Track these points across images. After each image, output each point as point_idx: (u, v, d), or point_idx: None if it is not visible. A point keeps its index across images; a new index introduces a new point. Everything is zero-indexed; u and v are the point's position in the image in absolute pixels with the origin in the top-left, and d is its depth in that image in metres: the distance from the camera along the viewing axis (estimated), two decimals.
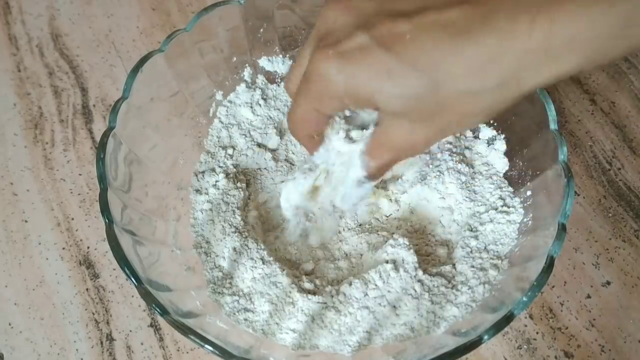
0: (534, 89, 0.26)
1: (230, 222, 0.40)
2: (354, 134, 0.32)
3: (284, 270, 0.38)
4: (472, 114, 0.28)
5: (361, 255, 0.41)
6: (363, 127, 0.33)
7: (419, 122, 0.29)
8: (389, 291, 0.37)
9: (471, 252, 0.39)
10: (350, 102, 0.29)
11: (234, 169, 0.44)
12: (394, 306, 0.37)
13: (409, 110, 0.28)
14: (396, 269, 0.38)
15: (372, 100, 0.28)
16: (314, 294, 0.38)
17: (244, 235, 0.40)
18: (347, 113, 0.32)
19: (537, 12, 0.24)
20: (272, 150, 0.45)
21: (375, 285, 0.38)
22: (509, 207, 0.41)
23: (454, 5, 0.26)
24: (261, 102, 0.46)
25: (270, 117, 0.46)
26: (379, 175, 0.34)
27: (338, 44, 0.28)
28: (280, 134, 0.46)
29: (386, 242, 0.40)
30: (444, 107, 0.27)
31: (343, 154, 0.34)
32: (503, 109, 0.28)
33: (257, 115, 0.46)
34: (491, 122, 0.44)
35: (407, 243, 0.39)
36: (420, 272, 0.38)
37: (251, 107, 0.46)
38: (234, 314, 0.37)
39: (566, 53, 0.25)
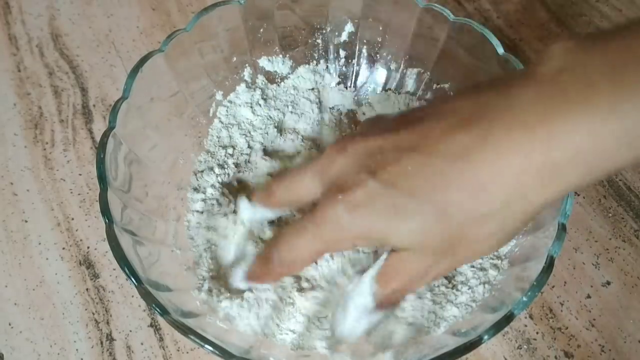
0: (545, 205, 0.26)
1: (228, 224, 0.40)
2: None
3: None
4: (484, 240, 0.27)
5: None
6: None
7: (433, 256, 0.28)
8: None
9: None
10: (363, 244, 0.30)
11: (230, 176, 0.44)
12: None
13: (421, 243, 0.28)
14: None
15: (385, 239, 0.28)
16: (309, 303, 0.38)
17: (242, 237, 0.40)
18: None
19: (536, 127, 0.23)
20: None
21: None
22: None
23: (454, 130, 0.26)
24: (261, 102, 0.47)
25: (270, 117, 0.46)
26: (388, 305, 0.32)
27: (348, 193, 0.28)
28: (281, 133, 0.46)
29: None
30: (455, 236, 0.27)
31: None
32: (521, 228, 0.27)
33: (257, 115, 0.46)
34: None
35: None
36: None
37: (251, 107, 0.46)
38: (233, 315, 0.37)
39: (570, 167, 0.24)
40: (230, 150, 0.45)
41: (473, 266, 0.38)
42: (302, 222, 0.31)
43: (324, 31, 0.47)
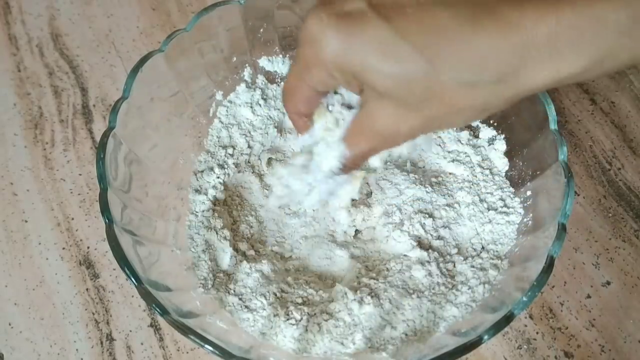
0: (532, 90, 0.25)
1: (227, 226, 0.41)
2: (337, 115, 0.31)
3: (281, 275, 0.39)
4: (463, 109, 0.26)
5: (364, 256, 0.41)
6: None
7: (405, 108, 0.26)
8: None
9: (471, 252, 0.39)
10: (338, 75, 0.27)
11: (225, 183, 0.44)
12: (396, 306, 0.37)
13: (398, 92, 0.26)
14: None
15: (361, 75, 0.26)
16: (309, 303, 0.38)
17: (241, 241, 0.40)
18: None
19: (545, 6, 0.23)
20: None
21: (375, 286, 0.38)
22: (508, 208, 0.41)
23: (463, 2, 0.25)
24: (261, 102, 0.47)
25: (270, 117, 0.46)
26: (353, 167, 0.31)
27: (335, 6, 0.25)
28: (281, 133, 0.46)
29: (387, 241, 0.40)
30: (436, 95, 0.25)
31: (325, 143, 0.32)
32: (496, 109, 0.26)
33: (257, 115, 0.46)
34: (491, 122, 0.44)
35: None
36: None
37: (251, 107, 0.46)
38: (236, 312, 0.37)
39: (570, 51, 0.24)
40: (230, 150, 0.45)
41: (473, 266, 0.38)
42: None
43: None
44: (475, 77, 0.25)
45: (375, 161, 0.34)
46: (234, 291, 0.38)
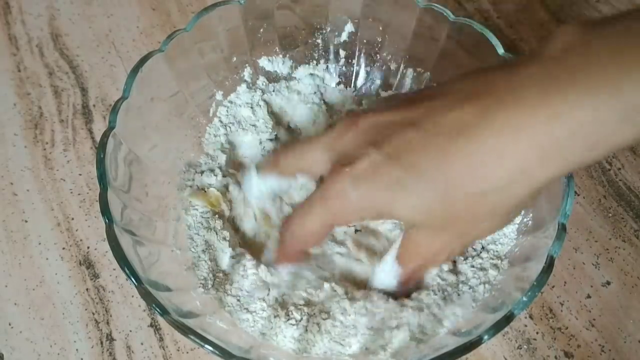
0: (547, 182, 0.26)
1: (224, 230, 0.41)
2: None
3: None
4: (484, 217, 0.28)
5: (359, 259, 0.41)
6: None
7: (435, 230, 0.29)
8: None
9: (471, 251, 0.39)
10: (369, 216, 0.30)
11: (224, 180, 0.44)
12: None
13: (424, 219, 0.28)
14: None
15: (390, 213, 0.29)
16: (308, 304, 0.38)
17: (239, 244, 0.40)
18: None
19: (538, 104, 0.23)
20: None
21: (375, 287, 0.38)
22: None
23: (456, 106, 0.26)
24: (261, 102, 0.47)
25: (270, 117, 0.46)
26: (411, 282, 0.34)
27: (353, 165, 0.29)
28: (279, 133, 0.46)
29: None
30: (456, 213, 0.27)
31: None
32: (519, 208, 0.28)
33: (257, 116, 0.46)
34: None
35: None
36: None
37: (252, 107, 0.46)
38: (236, 312, 0.37)
39: (572, 144, 0.24)
40: (229, 151, 0.45)
41: (473, 266, 0.38)
42: (311, 198, 0.31)
43: (324, 31, 0.47)
44: (484, 186, 0.26)
45: None
46: (232, 292, 0.38)
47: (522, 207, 0.28)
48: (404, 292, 0.35)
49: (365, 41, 0.48)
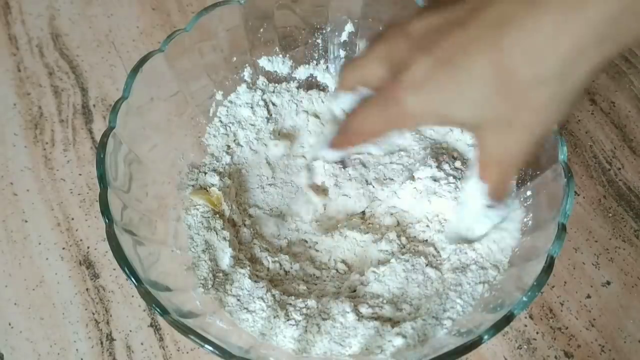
0: (603, 62, 0.26)
1: (224, 230, 0.41)
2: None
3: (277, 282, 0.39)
4: (546, 106, 0.27)
5: (356, 255, 0.41)
6: None
7: (503, 129, 0.29)
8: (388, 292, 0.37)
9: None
10: (429, 122, 0.31)
11: (228, 180, 0.44)
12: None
13: (487, 115, 0.28)
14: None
15: (449, 116, 0.29)
16: (308, 305, 0.38)
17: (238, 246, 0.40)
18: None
19: None
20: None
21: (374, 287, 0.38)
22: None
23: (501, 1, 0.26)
24: (261, 102, 0.47)
25: (270, 117, 0.46)
26: (501, 195, 0.34)
27: (406, 73, 0.29)
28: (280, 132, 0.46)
29: (380, 239, 0.40)
30: (517, 103, 0.27)
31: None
32: (578, 95, 0.27)
33: (258, 116, 0.46)
34: None
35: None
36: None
37: (252, 107, 0.46)
38: (236, 312, 0.37)
39: (625, 19, 0.24)
40: (229, 151, 0.45)
41: (475, 263, 0.38)
42: (372, 102, 0.32)
43: (324, 31, 0.47)
44: (540, 71, 0.26)
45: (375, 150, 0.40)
46: (232, 292, 0.38)
47: (579, 92, 0.27)
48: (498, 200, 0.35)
49: (365, 41, 0.48)
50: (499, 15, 0.26)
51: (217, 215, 0.41)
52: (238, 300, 0.38)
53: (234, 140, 0.46)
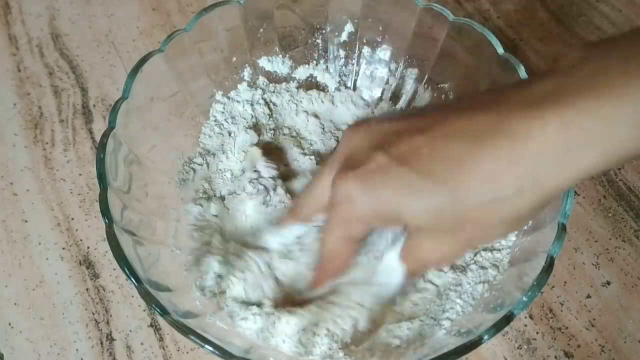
0: (556, 191, 0.26)
1: (217, 231, 0.41)
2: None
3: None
4: (494, 225, 0.27)
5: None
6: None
7: (442, 235, 0.29)
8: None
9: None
10: (377, 222, 0.30)
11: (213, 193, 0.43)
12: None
13: (431, 224, 0.28)
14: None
15: (398, 218, 0.28)
16: (305, 304, 0.38)
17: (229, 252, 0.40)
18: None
19: (548, 112, 0.24)
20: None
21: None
22: None
23: (467, 114, 0.26)
24: (261, 101, 0.47)
25: (270, 116, 0.46)
26: (414, 278, 0.35)
27: (358, 167, 0.28)
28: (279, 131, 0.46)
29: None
30: (466, 219, 0.27)
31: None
32: (532, 214, 0.27)
33: (258, 113, 0.46)
34: None
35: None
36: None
37: (252, 105, 0.46)
38: (234, 314, 0.37)
39: (583, 152, 0.24)
40: (224, 150, 0.45)
41: (475, 263, 0.38)
42: (327, 216, 0.32)
43: (324, 31, 0.47)
44: (496, 193, 0.26)
45: None
46: (228, 294, 0.38)
47: (530, 216, 0.28)
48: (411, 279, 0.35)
49: (365, 41, 0.48)
50: (464, 130, 0.26)
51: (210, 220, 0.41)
52: (235, 302, 0.38)
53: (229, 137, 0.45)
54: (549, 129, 0.24)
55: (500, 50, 0.40)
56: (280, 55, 0.48)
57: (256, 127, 0.46)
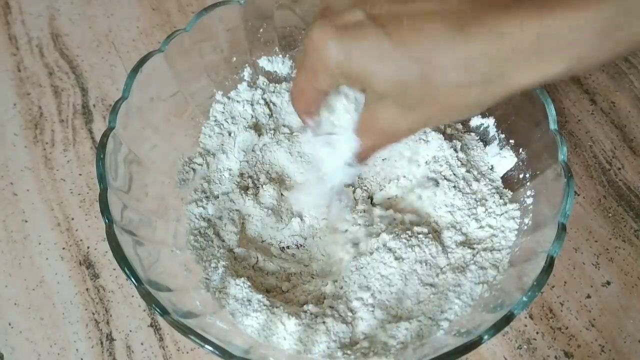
0: (521, 88, 0.27)
1: (222, 238, 0.41)
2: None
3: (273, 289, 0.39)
4: (457, 107, 0.28)
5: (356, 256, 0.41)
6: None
7: (404, 108, 0.29)
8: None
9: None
10: (342, 79, 0.29)
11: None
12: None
13: (396, 94, 0.28)
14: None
15: (363, 79, 0.28)
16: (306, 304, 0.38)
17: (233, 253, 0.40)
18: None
19: (527, 14, 0.25)
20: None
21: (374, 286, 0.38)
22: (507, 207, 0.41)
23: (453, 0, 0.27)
24: (261, 101, 0.47)
25: (271, 115, 0.46)
26: (365, 158, 0.34)
27: (335, 18, 0.28)
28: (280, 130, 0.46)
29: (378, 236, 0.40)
30: (430, 96, 0.28)
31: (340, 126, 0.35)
32: (491, 104, 0.28)
33: (258, 113, 0.46)
34: (494, 124, 0.44)
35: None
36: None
37: (252, 105, 0.46)
38: (236, 312, 0.37)
39: (553, 54, 0.25)
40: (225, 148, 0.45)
41: (475, 263, 0.38)
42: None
43: None
44: (465, 79, 0.27)
45: None
46: (229, 293, 0.38)
47: (489, 104, 0.29)
48: (360, 162, 0.35)
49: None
50: (450, 15, 0.26)
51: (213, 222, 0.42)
52: (236, 301, 0.38)
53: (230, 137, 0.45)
54: (526, 30, 0.25)
55: None
56: (280, 55, 0.48)
57: (256, 127, 0.46)
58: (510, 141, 0.43)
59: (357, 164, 0.35)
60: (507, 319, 0.31)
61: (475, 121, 0.45)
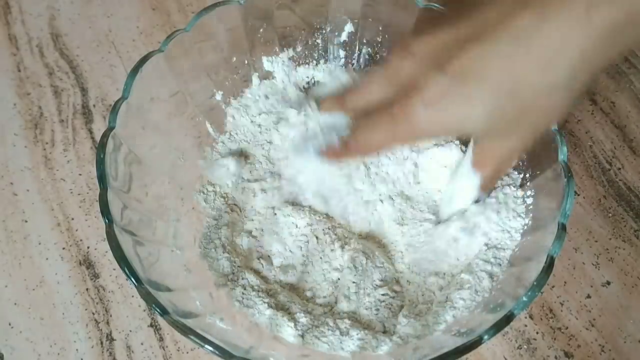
0: (607, 64, 0.28)
1: (226, 240, 0.41)
2: None
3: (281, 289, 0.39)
4: (553, 108, 0.29)
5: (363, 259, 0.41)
6: None
7: (508, 132, 0.31)
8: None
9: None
10: (438, 135, 0.33)
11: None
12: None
13: (496, 125, 0.29)
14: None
15: (461, 129, 0.30)
16: (309, 304, 0.38)
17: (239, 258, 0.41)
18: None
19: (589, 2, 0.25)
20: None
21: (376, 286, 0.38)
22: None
23: (511, 14, 0.27)
24: (264, 100, 0.47)
25: (274, 114, 0.47)
26: (487, 188, 0.36)
27: (421, 91, 0.29)
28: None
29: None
30: (526, 110, 0.29)
31: None
32: (581, 92, 0.29)
33: (262, 113, 0.46)
34: None
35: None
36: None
37: (257, 106, 0.46)
38: (243, 305, 0.37)
39: (629, 27, 0.25)
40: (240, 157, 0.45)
41: (476, 265, 0.38)
42: (379, 118, 0.32)
43: (324, 31, 0.47)
44: (551, 79, 0.27)
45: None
46: (235, 292, 0.38)
47: (583, 90, 0.29)
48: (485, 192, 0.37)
49: (365, 41, 0.47)
50: (512, 30, 0.27)
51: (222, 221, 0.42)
52: (244, 292, 0.38)
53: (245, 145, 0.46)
54: (592, 11, 0.25)
55: None
56: (281, 55, 0.48)
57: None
58: None
59: (484, 195, 0.37)
60: (507, 319, 0.31)
61: None
